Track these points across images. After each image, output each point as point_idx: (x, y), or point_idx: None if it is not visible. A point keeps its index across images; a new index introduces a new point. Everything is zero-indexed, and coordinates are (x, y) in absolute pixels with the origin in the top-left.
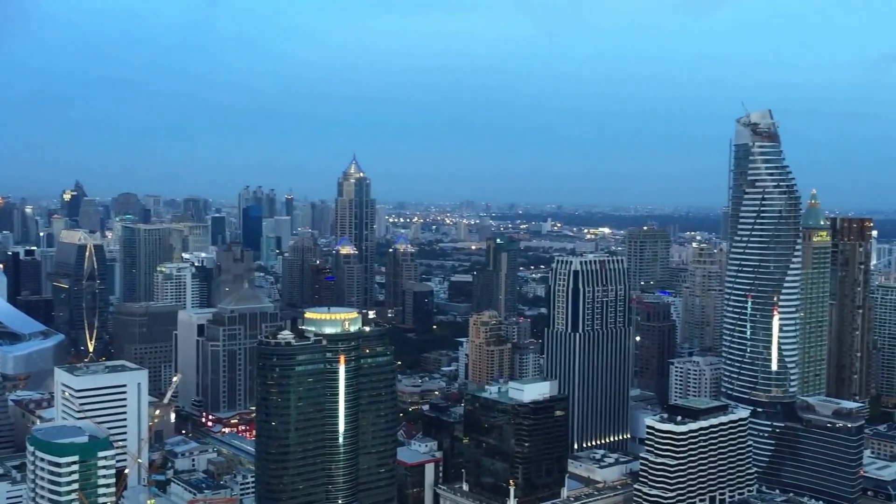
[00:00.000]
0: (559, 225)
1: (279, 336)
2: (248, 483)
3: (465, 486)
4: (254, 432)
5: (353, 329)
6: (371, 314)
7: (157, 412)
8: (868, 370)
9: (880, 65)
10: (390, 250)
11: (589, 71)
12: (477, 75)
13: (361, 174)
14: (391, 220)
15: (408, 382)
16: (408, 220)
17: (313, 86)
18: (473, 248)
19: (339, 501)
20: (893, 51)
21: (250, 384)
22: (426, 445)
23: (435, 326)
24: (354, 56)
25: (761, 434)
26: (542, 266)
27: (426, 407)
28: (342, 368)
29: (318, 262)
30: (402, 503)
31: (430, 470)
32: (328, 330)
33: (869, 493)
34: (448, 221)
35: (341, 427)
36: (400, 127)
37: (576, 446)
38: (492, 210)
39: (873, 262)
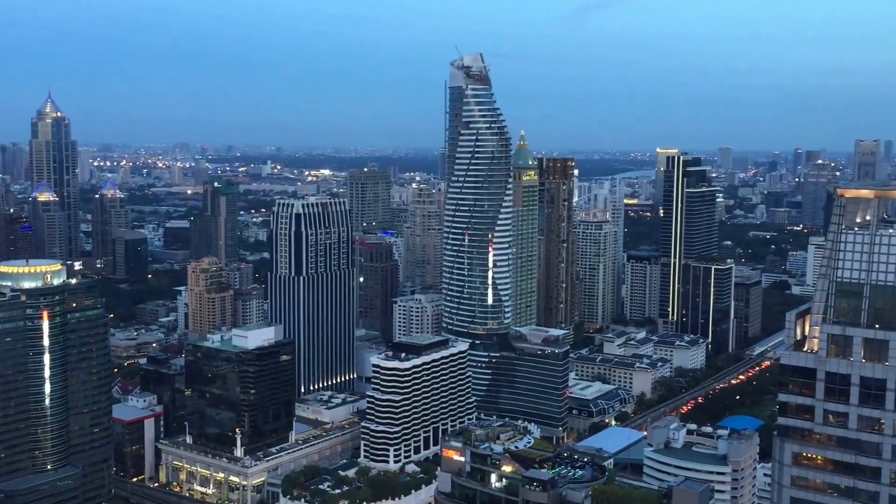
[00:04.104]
0: (280, 167)
1: None
2: None
3: (189, 439)
4: None
5: (56, 282)
6: (77, 265)
7: None
8: (572, 300)
9: (577, 14)
10: (96, 196)
11: (302, 7)
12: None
13: (59, 113)
14: (96, 163)
15: (122, 336)
16: (115, 163)
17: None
18: (189, 192)
19: (49, 467)
20: (588, 1)
21: None
22: (145, 400)
23: (150, 276)
24: None
25: (479, 365)
26: (264, 210)
27: (143, 360)
28: (46, 325)
29: (11, 210)
30: (120, 461)
31: (149, 425)
32: (27, 284)
33: (574, 411)
34: (160, 165)
35: (47, 388)
36: (102, 62)
37: (303, 389)
38: (208, 153)
39: (575, 199)
